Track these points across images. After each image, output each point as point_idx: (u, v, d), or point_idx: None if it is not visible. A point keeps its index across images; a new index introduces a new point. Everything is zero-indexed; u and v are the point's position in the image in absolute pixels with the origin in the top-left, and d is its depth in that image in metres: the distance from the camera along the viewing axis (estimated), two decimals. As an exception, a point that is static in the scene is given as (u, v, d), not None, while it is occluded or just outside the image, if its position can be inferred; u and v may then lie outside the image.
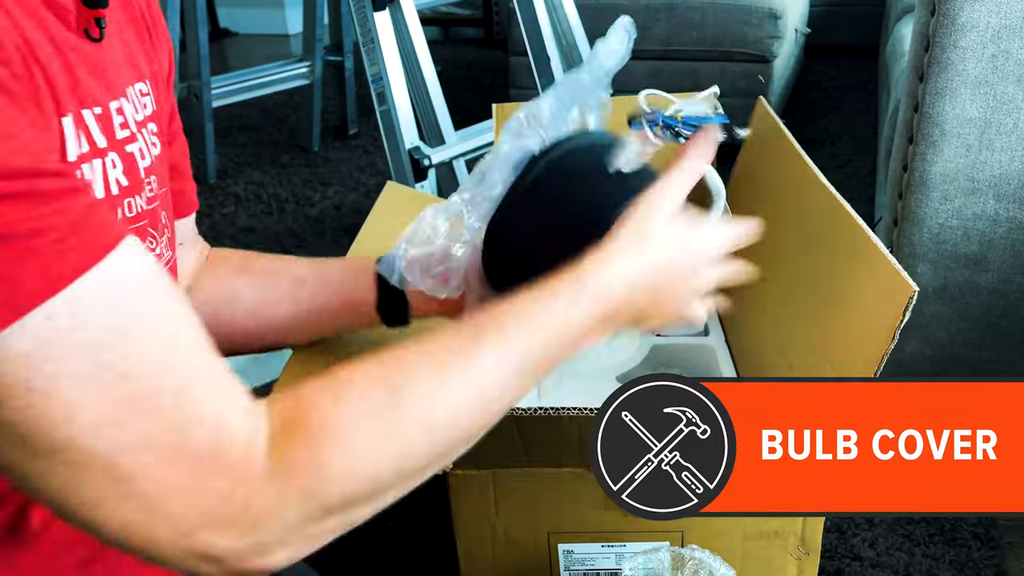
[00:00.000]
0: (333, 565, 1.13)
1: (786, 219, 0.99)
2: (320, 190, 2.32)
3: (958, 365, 1.24)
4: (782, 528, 0.76)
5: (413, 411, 0.48)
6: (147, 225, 0.57)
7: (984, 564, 1.08)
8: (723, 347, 1.18)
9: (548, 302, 0.53)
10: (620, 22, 0.67)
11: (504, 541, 0.80)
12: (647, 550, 0.72)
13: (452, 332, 0.52)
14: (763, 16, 2.22)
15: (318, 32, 2.50)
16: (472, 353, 0.50)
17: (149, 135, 0.58)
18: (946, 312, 1.21)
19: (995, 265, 1.16)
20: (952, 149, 1.12)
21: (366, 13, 1.51)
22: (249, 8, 4.12)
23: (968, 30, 1.05)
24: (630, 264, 0.56)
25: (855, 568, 1.09)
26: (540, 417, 0.66)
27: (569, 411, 0.65)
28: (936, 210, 1.15)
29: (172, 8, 2.11)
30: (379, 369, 0.49)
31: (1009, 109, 1.08)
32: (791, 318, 0.92)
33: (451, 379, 0.49)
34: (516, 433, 0.69)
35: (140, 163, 0.56)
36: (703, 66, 2.31)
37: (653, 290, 0.58)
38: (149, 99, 0.59)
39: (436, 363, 0.49)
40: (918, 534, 1.13)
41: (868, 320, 0.69)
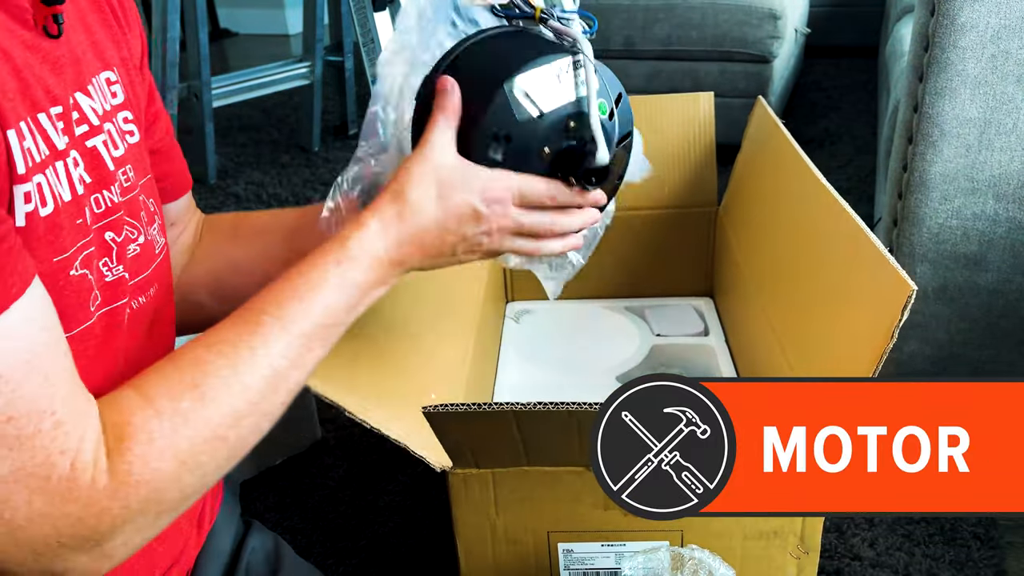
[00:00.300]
0: (333, 565, 1.13)
1: (785, 219, 0.99)
2: (320, 190, 2.32)
3: (957, 365, 1.24)
4: (782, 528, 0.77)
5: (219, 406, 0.52)
6: (123, 216, 0.57)
7: (984, 564, 1.09)
8: (723, 347, 1.19)
9: (318, 281, 0.57)
10: None
11: (504, 540, 0.80)
12: (647, 550, 0.73)
13: (238, 325, 0.55)
14: (763, 16, 2.22)
15: (318, 32, 2.50)
16: (258, 344, 0.54)
17: (121, 124, 0.58)
18: (945, 312, 1.21)
19: (995, 265, 1.16)
20: (952, 149, 1.12)
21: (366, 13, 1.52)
22: (249, 8, 4.12)
23: (968, 30, 1.05)
24: (389, 233, 0.60)
25: (855, 568, 1.09)
26: (540, 412, 0.66)
27: (568, 406, 0.65)
28: (936, 210, 1.16)
29: (172, 8, 2.11)
30: (179, 374, 0.52)
31: (1009, 109, 1.08)
32: (791, 318, 0.92)
33: (244, 372, 0.53)
34: (516, 429, 0.69)
35: (108, 156, 0.55)
36: (703, 66, 2.31)
37: (422, 249, 0.62)
38: (119, 87, 0.58)
39: (229, 359, 0.53)
40: (918, 534, 1.13)
41: (867, 320, 0.69)
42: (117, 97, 0.58)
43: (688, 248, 1.27)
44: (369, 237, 0.59)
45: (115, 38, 0.61)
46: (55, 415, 0.45)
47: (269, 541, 0.79)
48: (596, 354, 1.19)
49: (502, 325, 1.27)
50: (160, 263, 0.63)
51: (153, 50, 2.18)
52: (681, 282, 1.30)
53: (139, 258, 0.59)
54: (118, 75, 0.59)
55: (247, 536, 0.77)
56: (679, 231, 1.25)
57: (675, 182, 1.22)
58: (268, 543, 0.78)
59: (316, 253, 0.58)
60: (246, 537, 0.77)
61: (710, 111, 1.20)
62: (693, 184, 1.22)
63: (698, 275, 1.29)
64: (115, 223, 0.56)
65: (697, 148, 1.21)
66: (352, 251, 0.58)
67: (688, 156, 1.21)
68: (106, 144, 0.56)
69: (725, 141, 1.26)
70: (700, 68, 2.32)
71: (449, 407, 0.66)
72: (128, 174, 0.58)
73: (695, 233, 1.26)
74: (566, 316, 1.28)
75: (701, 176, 1.22)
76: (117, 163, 0.56)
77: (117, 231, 0.56)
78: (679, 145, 1.21)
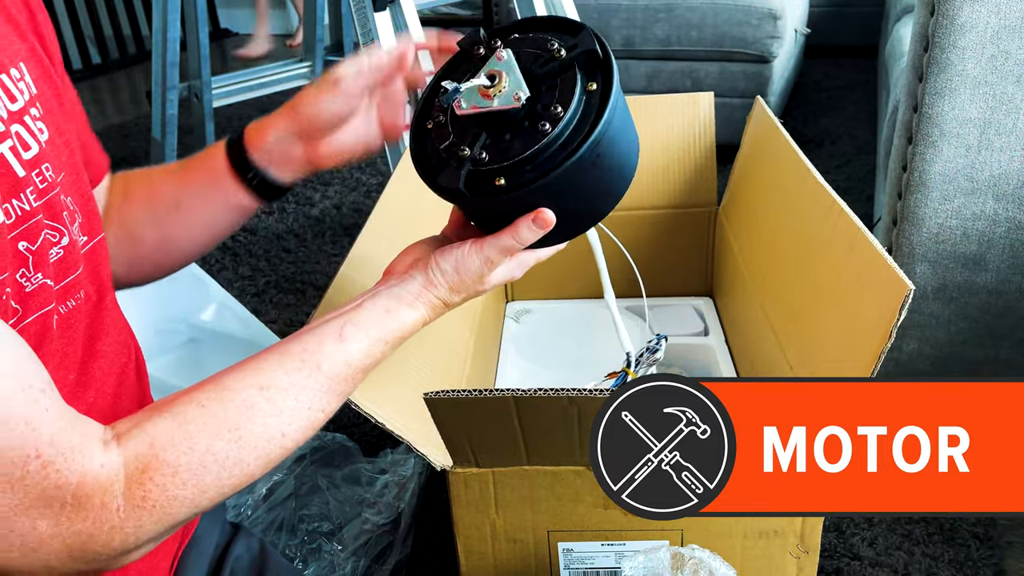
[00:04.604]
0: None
1: (784, 219, 0.99)
2: (320, 190, 2.32)
3: (957, 365, 1.24)
4: (782, 527, 0.77)
5: (255, 451, 0.53)
6: (42, 220, 0.54)
7: (983, 563, 1.09)
8: (723, 347, 1.19)
9: (363, 337, 0.60)
10: None
11: (504, 539, 0.80)
12: (647, 549, 0.73)
13: (291, 374, 0.56)
14: (763, 16, 2.22)
15: (318, 32, 2.50)
16: (305, 398, 0.56)
17: (32, 123, 0.55)
18: (945, 312, 1.21)
19: (994, 265, 1.16)
20: (951, 149, 1.12)
21: (366, 13, 1.51)
22: (249, 8, 4.12)
23: (968, 30, 1.05)
24: (429, 309, 0.64)
25: (855, 567, 1.09)
26: (540, 398, 0.66)
27: (568, 392, 0.65)
28: (935, 210, 1.16)
29: (172, 8, 2.11)
30: (225, 413, 0.53)
31: (1009, 109, 1.08)
32: (790, 318, 0.92)
33: (287, 422, 0.55)
34: (515, 417, 0.69)
35: (17, 160, 0.53)
36: (703, 66, 2.31)
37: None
38: (24, 83, 0.56)
39: (275, 406, 0.55)
40: (917, 533, 1.13)
41: (866, 319, 0.69)
42: (25, 94, 0.55)
43: (688, 248, 1.27)
44: (417, 324, 0.63)
45: (19, 29, 0.58)
46: (40, 457, 0.46)
47: (255, 546, 0.78)
48: (596, 354, 1.19)
49: (502, 324, 1.27)
50: (88, 263, 0.60)
51: (153, 50, 2.18)
52: (681, 282, 1.30)
53: (63, 261, 0.57)
54: (24, 70, 0.56)
55: (232, 542, 0.76)
56: (679, 231, 1.25)
57: (675, 182, 1.22)
58: (254, 548, 0.78)
59: (368, 324, 0.61)
60: (231, 543, 0.76)
61: (710, 111, 1.20)
62: (693, 184, 1.23)
63: (698, 275, 1.29)
64: (30, 230, 0.53)
65: (697, 148, 1.21)
66: (399, 335, 0.62)
67: (688, 156, 1.21)
68: (14, 149, 0.53)
69: (725, 141, 1.26)
70: (700, 68, 2.32)
71: (450, 393, 0.67)
72: (45, 174, 0.55)
73: (695, 233, 1.26)
74: (566, 316, 1.28)
75: (701, 176, 1.22)
76: (29, 165, 0.54)
77: (32, 238, 0.53)
78: (679, 145, 1.21)
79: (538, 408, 0.68)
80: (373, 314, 0.60)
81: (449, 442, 0.74)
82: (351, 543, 1.04)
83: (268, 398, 0.54)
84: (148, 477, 0.49)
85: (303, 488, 1.09)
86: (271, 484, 1.09)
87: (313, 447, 1.15)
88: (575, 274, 1.27)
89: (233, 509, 1.06)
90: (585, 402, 0.66)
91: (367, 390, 0.72)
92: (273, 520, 1.05)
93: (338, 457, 1.16)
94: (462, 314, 1.07)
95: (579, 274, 1.28)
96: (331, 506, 1.07)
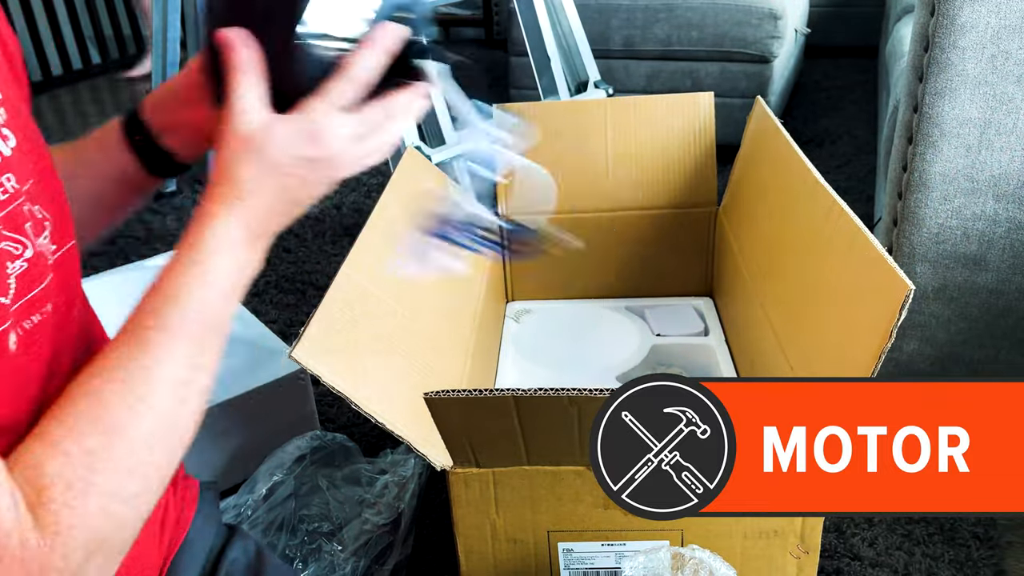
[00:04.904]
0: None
1: (784, 219, 0.99)
2: (320, 190, 2.31)
3: (957, 365, 1.24)
4: (782, 527, 0.77)
5: (127, 435, 0.51)
6: (1, 232, 0.51)
7: (983, 563, 1.09)
8: (723, 347, 1.19)
9: (187, 282, 0.54)
10: None
11: (504, 540, 0.80)
12: (647, 549, 0.73)
13: (123, 345, 0.53)
14: (763, 16, 2.22)
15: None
16: (150, 361, 0.52)
17: None
18: (945, 312, 1.21)
19: (994, 265, 1.16)
20: (952, 149, 1.12)
21: None
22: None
23: (968, 30, 1.05)
24: (238, 217, 0.56)
25: (855, 567, 1.09)
26: (540, 398, 0.66)
27: (568, 392, 0.65)
28: (936, 210, 1.16)
29: (172, 8, 2.11)
30: (77, 412, 0.50)
31: (1009, 109, 1.08)
32: (790, 318, 0.92)
33: (144, 393, 0.52)
34: (516, 416, 0.69)
35: None
36: (703, 66, 2.31)
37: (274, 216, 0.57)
38: None
39: (125, 384, 0.51)
40: (917, 533, 1.13)
41: (866, 319, 0.69)
42: None
43: (688, 248, 1.27)
44: (220, 227, 0.56)
45: None
46: None
47: (252, 549, 0.76)
48: (596, 354, 1.19)
49: (502, 325, 1.27)
50: (58, 273, 0.57)
51: (153, 50, 2.18)
52: (681, 282, 1.30)
53: (26, 275, 0.53)
54: None
55: (228, 545, 0.74)
56: (679, 231, 1.25)
57: (675, 182, 1.22)
58: (251, 551, 0.75)
59: (177, 256, 0.55)
60: (226, 547, 0.74)
61: (710, 111, 1.20)
62: (693, 184, 1.23)
63: (698, 275, 1.29)
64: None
65: (697, 148, 1.21)
66: (209, 245, 0.55)
67: (688, 156, 1.21)
68: None
69: (725, 141, 1.26)
70: (700, 68, 2.32)
71: (450, 393, 0.67)
72: (6, 185, 0.52)
73: (695, 233, 1.26)
74: (566, 316, 1.28)
75: (701, 176, 1.22)
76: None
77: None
78: (679, 145, 1.21)
79: (538, 408, 0.68)
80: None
81: (449, 442, 0.74)
82: (351, 543, 1.04)
83: (109, 378, 0.51)
84: (48, 498, 0.47)
85: (303, 488, 1.09)
86: (271, 484, 1.09)
87: (313, 447, 1.15)
88: (575, 274, 1.27)
89: (233, 510, 1.06)
90: (585, 402, 0.66)
91: (367, 390, 0.73)
92: (273, 520, 1.05)
93: (338, 457, 1.16)
94: (462, 314, 1.07)
95: (579, 274, 1.28)
96: (331, 506, 1.07)
